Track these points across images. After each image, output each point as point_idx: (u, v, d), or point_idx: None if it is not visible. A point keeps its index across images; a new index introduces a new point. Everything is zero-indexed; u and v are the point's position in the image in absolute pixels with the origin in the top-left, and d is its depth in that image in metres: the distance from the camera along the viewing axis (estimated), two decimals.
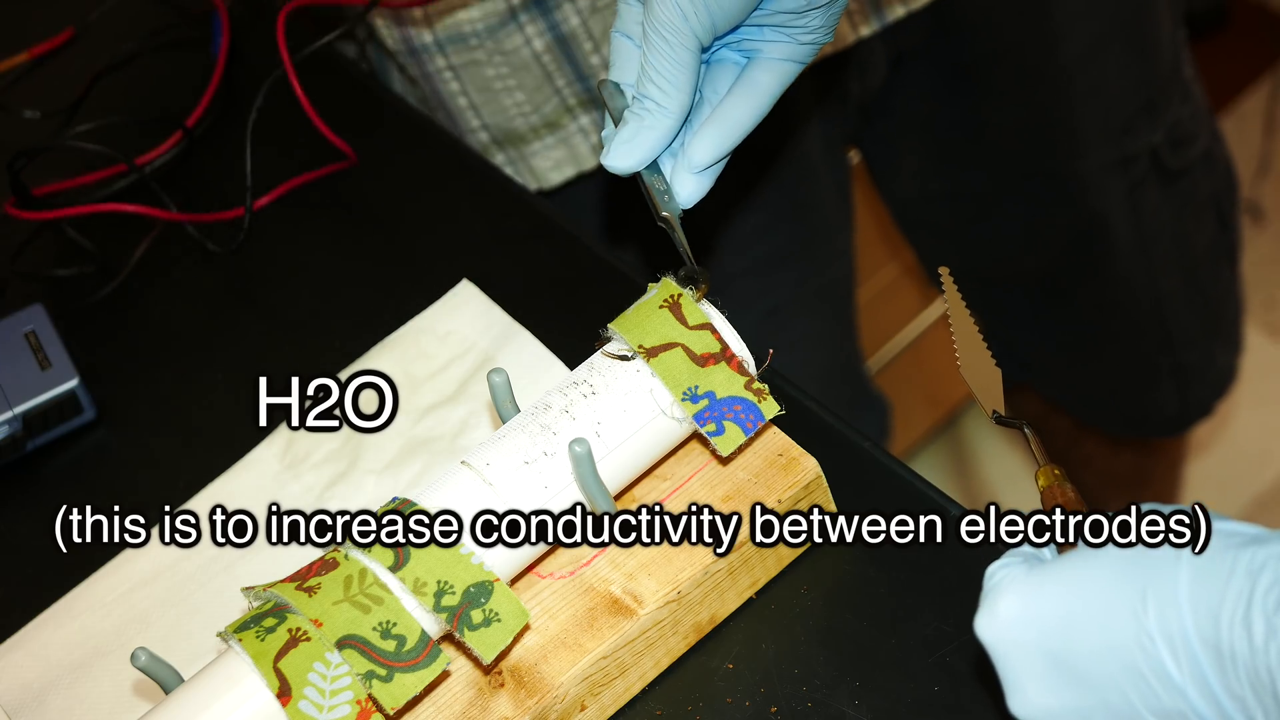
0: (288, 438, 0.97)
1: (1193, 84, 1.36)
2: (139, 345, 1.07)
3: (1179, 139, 1.34)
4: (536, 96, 1.15)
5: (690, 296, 0.83)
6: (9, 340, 1.02)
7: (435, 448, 0.95)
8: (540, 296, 1.02)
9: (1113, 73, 1.28)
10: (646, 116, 0.81)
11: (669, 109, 0.81)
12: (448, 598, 0.76)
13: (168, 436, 1.01)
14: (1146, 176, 1.33)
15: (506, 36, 1.12)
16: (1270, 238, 2.37)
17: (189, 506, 0.95)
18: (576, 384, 0.82)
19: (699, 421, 0.81)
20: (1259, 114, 2.45)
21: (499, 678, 0.79)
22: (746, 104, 0.83)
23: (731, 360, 0.82)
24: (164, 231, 1.12)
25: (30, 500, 1.00)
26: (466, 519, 0.78)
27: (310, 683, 0.74)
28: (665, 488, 0.85)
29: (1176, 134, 1.34)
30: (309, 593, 0.76)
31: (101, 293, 1.09)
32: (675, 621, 0.81)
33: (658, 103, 0.81)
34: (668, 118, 0.81)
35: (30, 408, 0.99)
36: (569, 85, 1.15)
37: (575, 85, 1.15)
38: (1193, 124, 1.36)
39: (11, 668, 0.89)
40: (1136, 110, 1.30)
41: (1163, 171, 1.34)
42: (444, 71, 1.15)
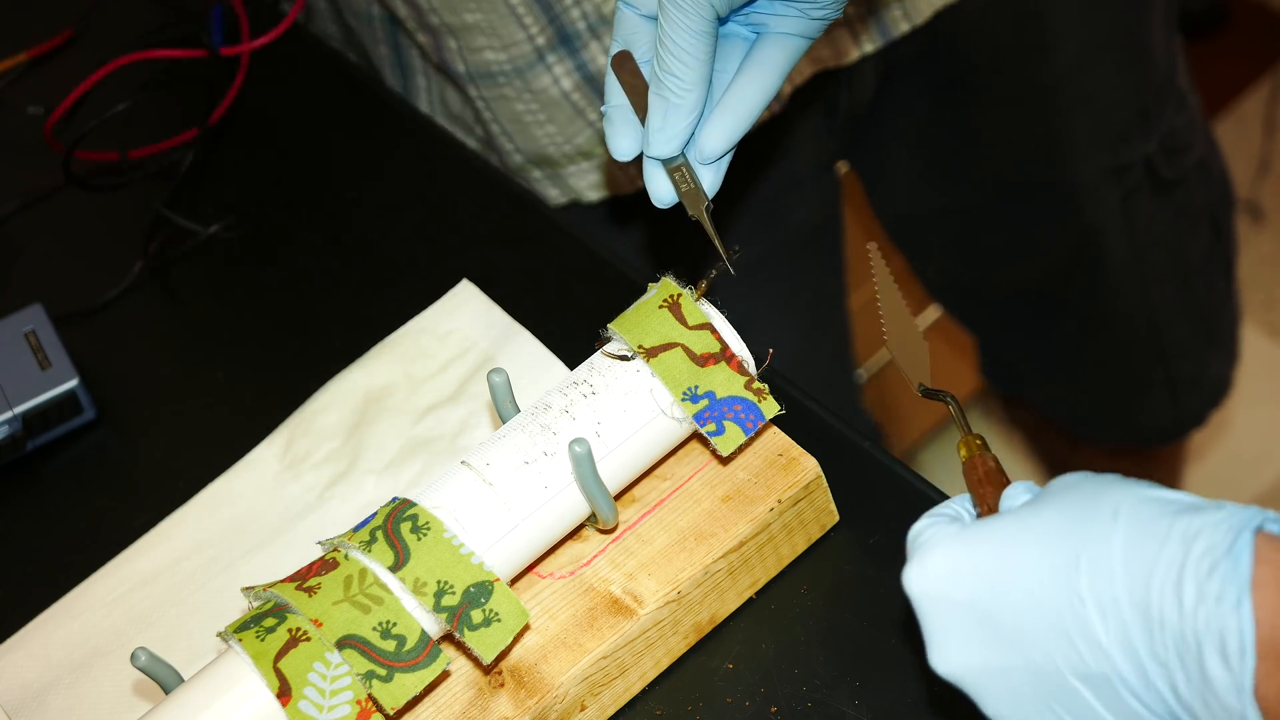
0: (288, 438, 0.97)
1: (1188, 93, 1.36)
2: (139, 345, 1.07)
3: (1174, 148, 1.34)
4: (569, 129, 1.15)
5: (690, 296, 0.83)
6: (9, 340, 1.02)
7: (435, 448, 0.95)
8: (540, 296, 1.02)
9: (1106, 81, 1.28)
10: (671, 96, 0.81)
11: (692, 82, 0.80)
12: (448, 598, 0.76)
13: (168, 436, 1.01)
14: (1141, 185, 1.32)
15: (534, 77, 1.11)
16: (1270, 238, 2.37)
17: (189, 506, 0.95)
18: (576, 384, 0.82)
19: (699, 421, 0.81)
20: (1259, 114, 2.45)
21: (499, 678, 0.79)
22: (756, 85, 0.82)
23: (731, 360, 0.82)
24: (164, 232, 1.12)
25: (30, 500, 1.00)
26: (467, 519, 0.78)
27: (310, 683, 0.74)
28: (665, 487, 0.85)
29: (1171, 143, 1.33)
30: (309, 593, 0.76)
31: (101, 292, 1.09)
32: (675, 621, 0.81)
33: (679, 77, 0.80)
34: (692, 91, 0.81)
35: (30, 408, 0.99)
36: (601, 119, 1.14)
37: None
38: (1187, 133, 1.35)
39: (11, 668, 0.89)
40: (1130, 119, 1.29)
41: (1157, 180, 1.33)
42: (476, 100, 1.15)
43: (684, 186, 0.83)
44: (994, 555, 0.63)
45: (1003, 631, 0.63)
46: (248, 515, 0.94)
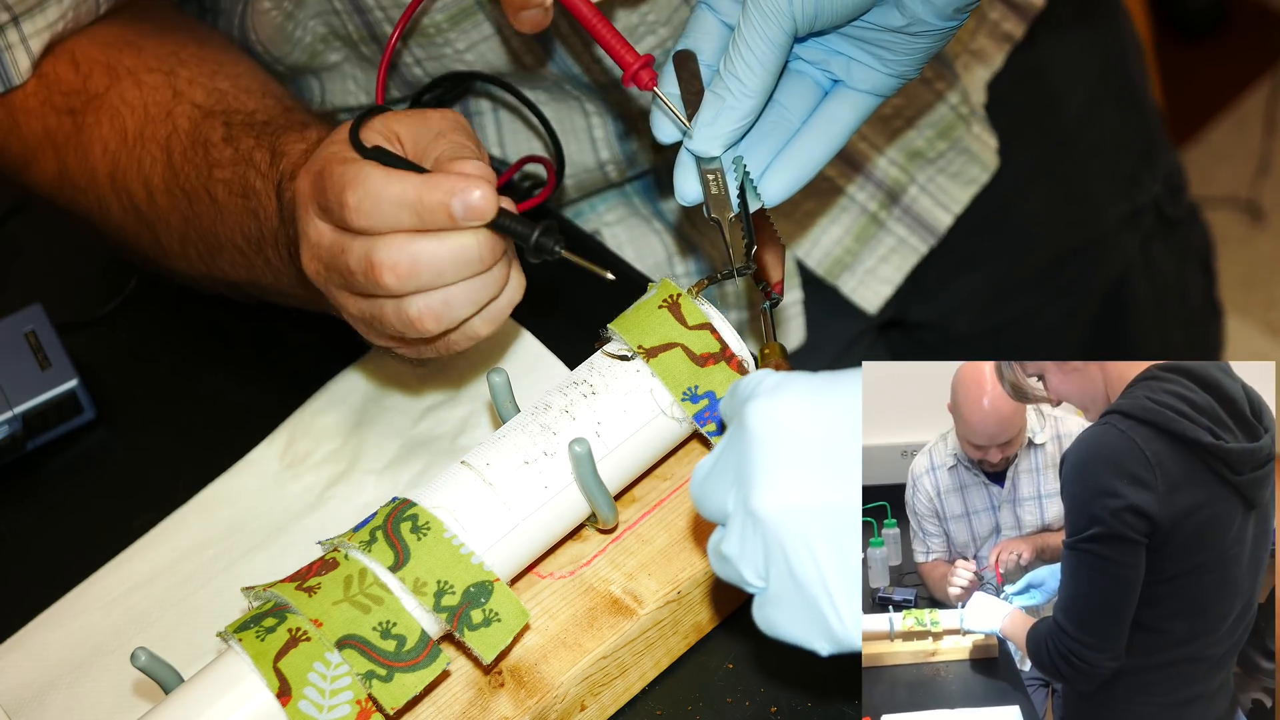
0: (288, 438, 0.97)
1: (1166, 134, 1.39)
2: (139, 345, 1.07)
3: (1175, 186, 1.35)
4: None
5: (689, 296, 0.83)
6: (9, 340, 1.02)
7: (435, 448, 0.95)
8: (540, 296, 1.01)
9: (1111, 125, 1.28)
10: (728, 97, 0.81)
11: (753, 89, 0.81)
12: (448, 598, 0.76)
13: (168, 436, 1.01)
14: (1154, 229, 1.33)
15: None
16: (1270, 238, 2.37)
17: (189, 506, 0.95)
18: (576, 384, 0.82)
19: (699, 421, 0.81)
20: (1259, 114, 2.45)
21: (499, 678, 0.79)
22: (822, 141, 0.84)
23: (731, 360, 0.82)
24: None
25: (30, 500, 0.99)
26: (467, 519, 0.78)
27: (310, 683, 0.74)
28: (665, 487, 0.85)
29: (1173, 181, 1.35)
30: (309, 593, 0.76)
31: (102, 293, 1.09)
32: (675, 621, 0.81)
33: (743, 81, 0.81)
34: (749, 98, 0.81)
35: (30, 408, 0.99)
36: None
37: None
38: (1180, 172, 1.37)
39: (11, 668, 0.89)
40: (1137, 160, 1.31)
41: (1165, 221, 1.34)
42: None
43: (714, 190, 0.83)
44: (842, 402, 0.66)
45: (842, 474, 0.65)
46: (248, 515, 0.94)
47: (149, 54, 0.97)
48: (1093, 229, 1.29)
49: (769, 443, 0.66)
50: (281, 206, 0.85)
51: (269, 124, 0.91)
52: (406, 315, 0.77)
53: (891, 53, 0.82)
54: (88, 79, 0.97)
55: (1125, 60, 1.31)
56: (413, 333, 0.78)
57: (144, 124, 0.95)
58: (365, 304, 0.79)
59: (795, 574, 0.65)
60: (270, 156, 0.88)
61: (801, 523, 0.65)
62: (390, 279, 0.76)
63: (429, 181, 0.75)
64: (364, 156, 0.77)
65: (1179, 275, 1.39)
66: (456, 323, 0.78)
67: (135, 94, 0.96)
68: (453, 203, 0.74)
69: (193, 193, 0.92)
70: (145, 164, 0.94)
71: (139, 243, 0.98)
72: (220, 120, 0.92)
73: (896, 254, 1.18)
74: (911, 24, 0.81)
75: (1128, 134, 1.31)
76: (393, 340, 0.82)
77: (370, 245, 0.76)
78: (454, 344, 0.81)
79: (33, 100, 0.98)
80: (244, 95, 0.94)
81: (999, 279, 1.26)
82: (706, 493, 0.69)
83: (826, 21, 0.80)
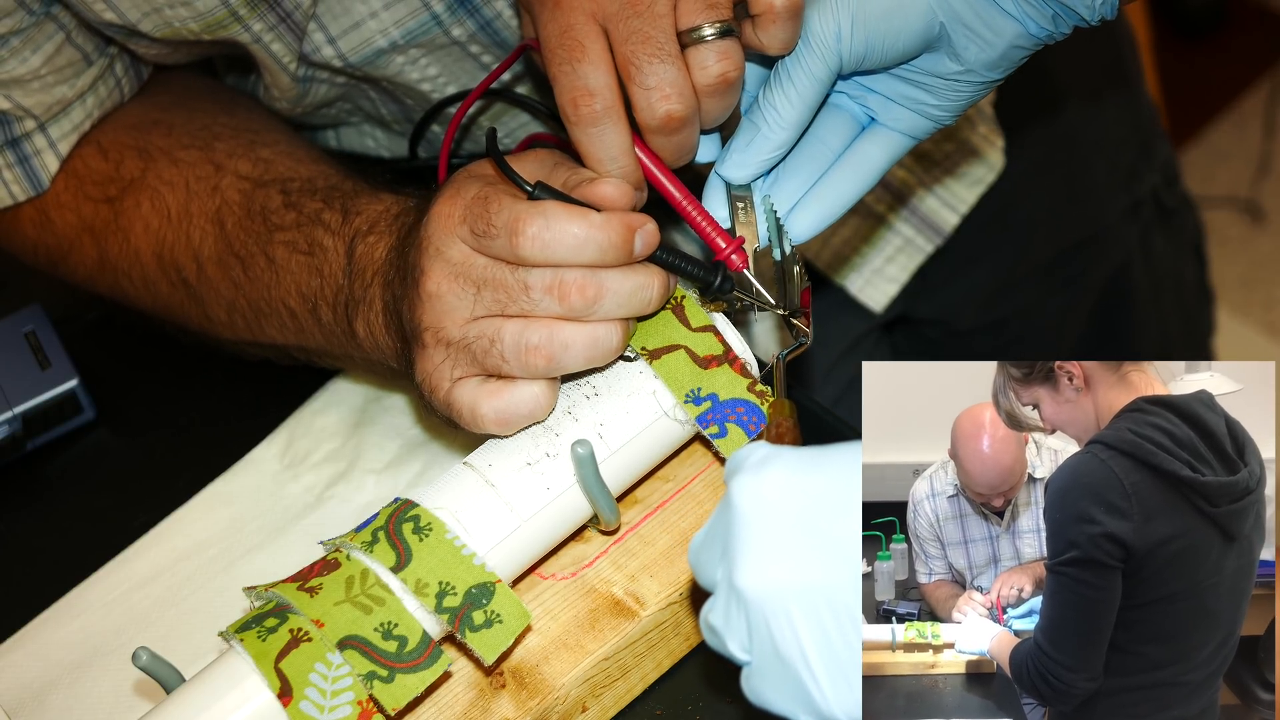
0: (287, 438, 0.97)
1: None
2: (139, 345, 1.07)
3: (1171, 176, 1.36)
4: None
5: (693, 298, 0.83)
6: (9, 340, 1.02)
7: (435, 448, 0.95)
8: None
9: (1111, 119, 1.29)
10: (764, 127, 0.81)
11: (789, 121, 0.81)
12: (449, 599, 0.76)
13: (168, 436, 1.01)
14: (1152, 220, 1.33)
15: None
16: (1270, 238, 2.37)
17: (189, 506, 0.95)
18: (579, 385, 0.82)
19: (702, 424, 0.81)
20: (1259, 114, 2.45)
21: (500, 679, 0.79)
22: (853, 180, 0.83)
23: (734, 362, 0.82)
24: None
25: (30, 500, 0.99)
26: (469, 520, 0.78)
27: (311, 683, 0.74)
28: (668, 489, 0.85)
29: (1169, 171, 1.36)
30: (310, 593, 0.76)
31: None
32: (677, 623, 0.81)
33: (779, 112, 0.81)
34: (784, 130, 0.81)
35: (30, 408, 0.99)
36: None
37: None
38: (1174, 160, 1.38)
39: (11, 668, 0.89)
40: (1136, 153, 1.31)
41: (1162, 210, 1.34)
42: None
43: (742, 218, 0.83)
44: (832, 477, 0.66)
45: (825, 550, 0.64)
46: (248, 515, 0.94)
47: (180, 131, 0.98)
48: (1095, 223, 1.29)
49: (752, 519, 0.66)
50: (351, 263, 0.85)
51: (335, 189, 0.91)
52: (563, 337, 0.77)
53: (934, 98, 0.82)
54: (119, 165, 0.97)
55: (1122, 53, 1.32)
56: (532, 359, 0.77)
57: (188, 200, 0.95)
58: (487, 324, 0.78)
59: (779, 649, 0.65)
60: (343, 216, 0.88)
61: (783, 599, 0.65)
62: (578, 299, 0.76)
63: (610, 219, 0.76)
64: (521, 187, 0.78)
65: (1175, 263, 1.39)
66: (589, 361, 0.78)
67: (173, 172, 0.96)
68: (635, 239, 0.77)
69: (248, 258, 0.92)
70: (195, 238, 0.94)
71: (185, 317, 0.98)
72: (276, 189, 0.92)
73: (903, 254, 1.18)
74: (964, 73, 0.80)
75: (1126, 127, 1.31)
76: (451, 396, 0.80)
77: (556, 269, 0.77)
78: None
79: (65, 195, 0.98)
80: (291, 162, 0.94)
81: (1002, 274, 1.26)
82: (700, 563, 0.69)
83: (875, 63, 0.80)
